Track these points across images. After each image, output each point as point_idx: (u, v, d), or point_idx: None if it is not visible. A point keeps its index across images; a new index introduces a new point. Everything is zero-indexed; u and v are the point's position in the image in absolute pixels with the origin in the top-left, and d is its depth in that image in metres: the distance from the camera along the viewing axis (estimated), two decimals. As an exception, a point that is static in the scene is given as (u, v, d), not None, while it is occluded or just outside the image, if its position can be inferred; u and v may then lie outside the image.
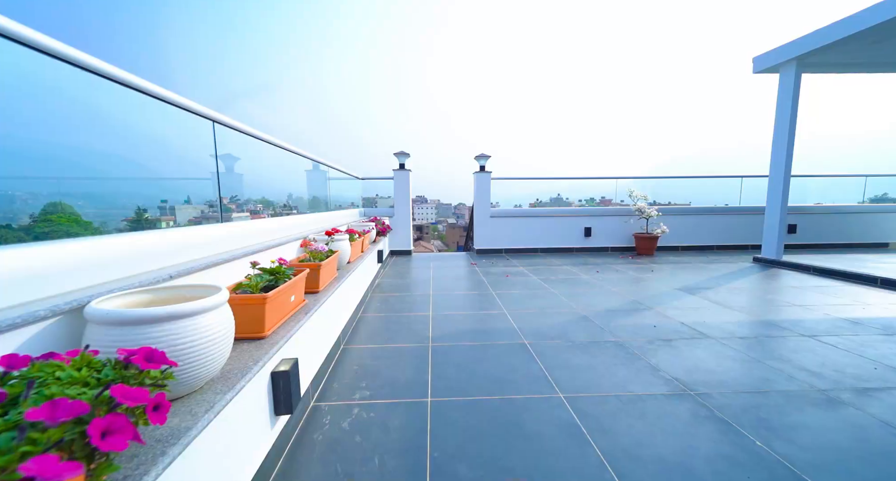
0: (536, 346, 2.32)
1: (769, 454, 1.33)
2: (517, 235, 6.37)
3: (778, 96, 4.92)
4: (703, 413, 1.59)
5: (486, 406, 1.67)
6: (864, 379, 1.85)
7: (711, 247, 6.47)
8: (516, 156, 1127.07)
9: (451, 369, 2.04)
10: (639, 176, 6.90)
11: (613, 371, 1.98)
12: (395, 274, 4.72)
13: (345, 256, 2.91)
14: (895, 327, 2.56)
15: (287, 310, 1.63)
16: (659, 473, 1.25)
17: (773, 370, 1.96)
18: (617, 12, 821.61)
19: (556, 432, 1.48)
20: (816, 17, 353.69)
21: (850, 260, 4.77)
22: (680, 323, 2.70)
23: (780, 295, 3.46)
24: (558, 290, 3.70)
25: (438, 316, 2.96)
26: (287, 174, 3.91)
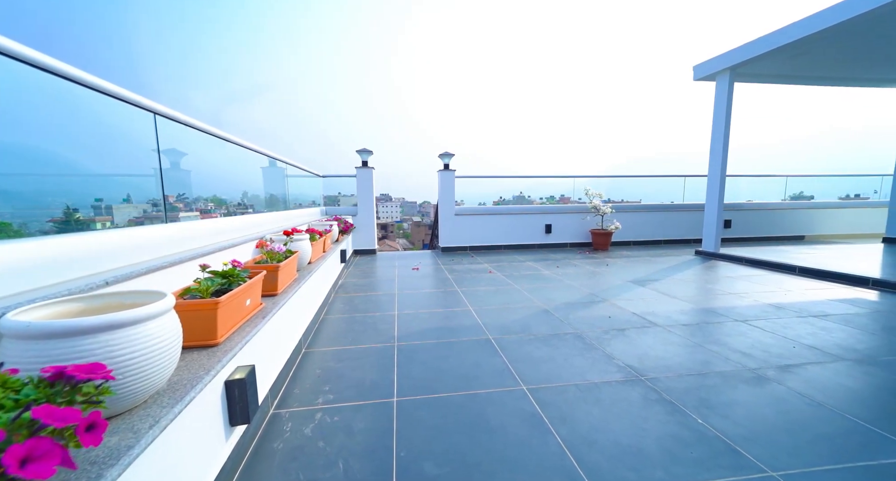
0: (500, 341, 2.38)
1: (709, 430, 1.46)
2: (482, 233, 6.47)
3: (714, 103, 5.36)
4: (652, 396, 1.71)
5: (452, 402, 1.69)
6: (786, 357, 2.07)
7: (659, 241, 6.95)
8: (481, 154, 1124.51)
9: (417, 367, 2.03)
10: (594, 175, 7.26)
11: (572, 361, 2.08)
12: (360, 273, 4.63)
13: (305, 257, 2.81)
14: (809, 310, 2.90)
15: (242, 314, 1.54)
16: (614, 456, 1.33)
17: (711, 353, 2.15)
18: (578, 21, 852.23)
19: (519, 424, 1.52)
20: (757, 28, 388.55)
21: (774, 251, 5.33)
22: (632, 313, 2.89)
23: (717, 284, 3.79)
24: (521, 286, 3.81)
25: (404, 315, 2.95)
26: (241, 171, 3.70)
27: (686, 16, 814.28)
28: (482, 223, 6.47)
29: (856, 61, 5.11)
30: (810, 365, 1.98)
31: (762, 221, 7.20)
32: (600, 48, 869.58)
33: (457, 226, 6.39)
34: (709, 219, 5.52)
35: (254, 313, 1.66)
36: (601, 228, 6.26)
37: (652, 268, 4.62)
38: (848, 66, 5.33)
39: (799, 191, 7.82)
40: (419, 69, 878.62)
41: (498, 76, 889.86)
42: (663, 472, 1.24)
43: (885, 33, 4.20)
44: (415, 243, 61.97)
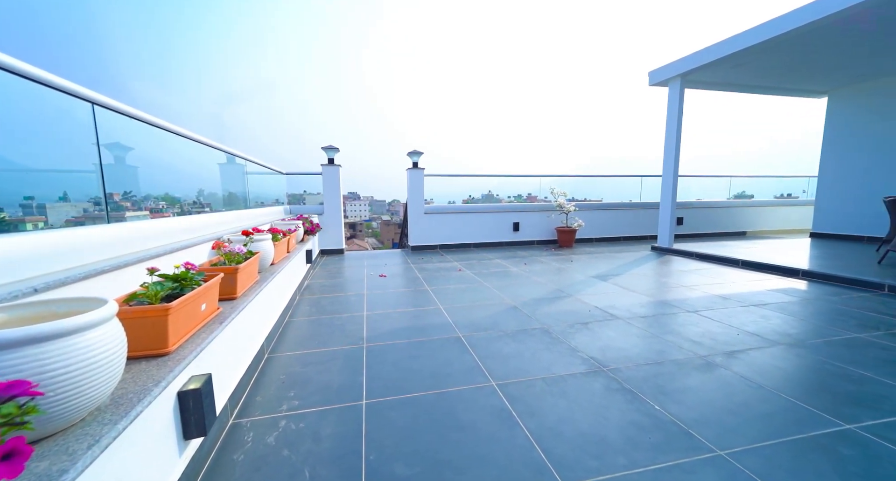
0: (470, 338, 2.40)
1: (665, 415, 1.55)
2: (452, 231, 6.50)
3: (667, 107, 5.70)
4: (614, 386, 1.79)
5: (422, 401, 1.68)
6: (731, 344, 2.25)
7: (619, 237, 7.30)
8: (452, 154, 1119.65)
9: (387, 368, 2.01)
10: (559, 174, 7.49)
11: (539, 356, 2.13)
12: (326, 274, 4.50)
13: (267, 257, 2.69)
14: (751, 300, 3.16)
15: (197, 320, 1.45)
16: (579, 446, 1.38)
17: (667, 343, 2.28)
18: (546, 25, 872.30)
19: (489, 419, 1.55)
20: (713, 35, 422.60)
21: (720, 246, 5.76)
22: (595, 307, 3.01)
23: (671, 278, 4.04)
24: (490, 283, 3.87)
25: (373, 315, 2.90)
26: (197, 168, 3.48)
27: (648, 23, 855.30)
28: (452, 221, 6.49)
29: (789, 73, 5.62)
30: (752, 351, 2.15)
31: (710, 218, 7.76)
32: (566, 52, 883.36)
33: (426, 224, 6.37)
34: (663, 216, 5.87)
35: (210, 318, 1.57)
36: (566, 226, 6.48)
37: (613, 264, 4.84)
38: (783, 77, 5.85)
39: (741, 190, 8.50)
40: (390, 68, 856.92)
41: (468, 77, 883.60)
42: (624, 458, 1.31)
43: (812, 49, 4.65)
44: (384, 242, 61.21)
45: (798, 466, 1.25)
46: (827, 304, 3.02)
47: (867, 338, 2.30)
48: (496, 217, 6.68)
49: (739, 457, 1.30)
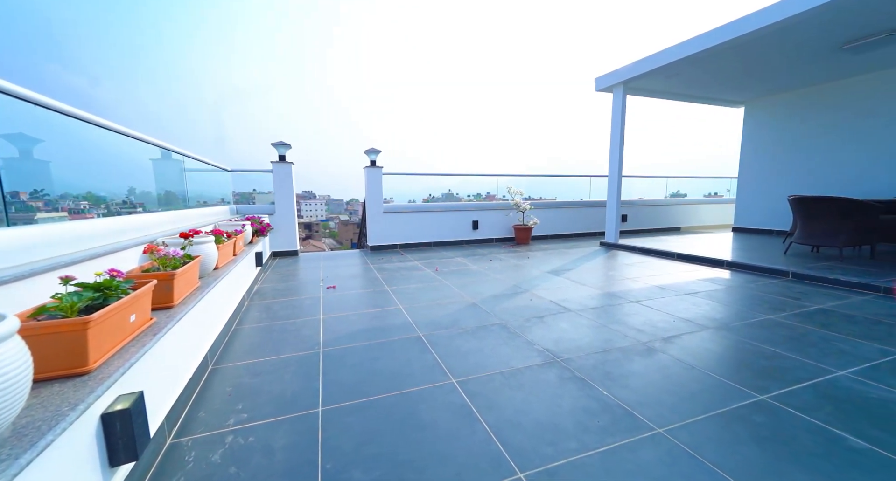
0: (431, 337, 2.40)
1: (612, 399, 1.66)
2: (411, 230, 6.46)
3: (612, 112, 6.08)
4: (566, 375, 1.88)
5: (382, 404, 1.66)
6: (668, 330, 2.45)
7: (571, 234, 7.69)
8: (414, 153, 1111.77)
9: (345, 372, 1.95)
10: (516, 174, 7.72)
11: (498, 350, 2.19)
12: (279, 277, 4.28)
13: (210, 261, 2.49)
14: (684, 289, 3.47)
15: (126, 333, 1.31)
16: (535, 434, 1.43)
17: (613, 332, 2.44)
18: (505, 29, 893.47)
19: (449, 416, 1.56)
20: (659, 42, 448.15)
21: (659, 241, 6.27)
22: (549, 301, 3.14)
23: (617, 271, 4.33)
24: (450, 281, 3.89)
25: (330, 318, 2.80)
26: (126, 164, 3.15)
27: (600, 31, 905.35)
28: (412, 220, 6.45)
29: (712, 84, 6.23)
30: (685, 335, 2.37)
31: (650, 215, 8.41)
32: (523, 57, 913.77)
33: (386, 223, 6.27)
34: (609, 214, 6.27)
35: (142, 330, 1.42)
36: (522, 224, 6.69)
37: (566, 259, 5.09)
38: (708, 88, 6.47)
39: (676, 190, 9.31)
40: (352, 66, 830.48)
41: (431, 78, 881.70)
42: (576, 442, 1.38)
43: (728, 64, 5.19)
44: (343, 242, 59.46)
45: (722, 436, 1.40)
46: (745, 291, 3.39)
47: (776, 319, 2.63)
48: (456, 215, 6.74)
49: (675, 433, 1.42)
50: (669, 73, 5.50)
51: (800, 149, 6.62)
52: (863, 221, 4.15)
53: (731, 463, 1.26)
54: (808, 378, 1.81)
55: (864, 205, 4.09)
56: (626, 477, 1.21)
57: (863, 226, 4.17)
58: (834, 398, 1.64)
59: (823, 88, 6.25)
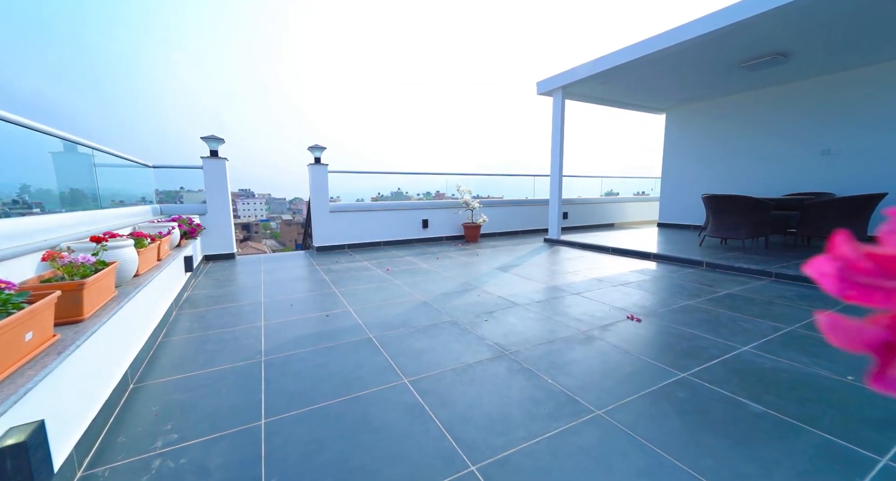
0: (382, 338, 2.36)
1: (556, 387, 1.76)
2: (360, 230, 6.29)
3: (552, 115, 6.43)
4: (515, 367, 1.96)
5: (331, 410, 1.60)
6: (605, 319, 2.66)
7: (518, 231, 8.01)
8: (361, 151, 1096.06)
9: (290, 381, 1.85)
10: (465, 173, 7.85)
11: (450, 347, 2.21)
12: (213, 283, 3.93)
13: (129, 268, 2.22)
14: (618, 280, 3.79)
15: (19, 354, 1.12)
16: (486, 427, 1.47)
17: (557, 323, 2.59)
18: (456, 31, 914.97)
19: (401, 417, 1.55)
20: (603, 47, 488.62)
21: (596, 236, 6.77)
22: (498, 296, 3.25)
23: (559, 265, 4.60)
24: (401, 281, 3.86)
25: (273, 325, 2.64)
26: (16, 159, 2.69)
27: (545, 34, 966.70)
28: (360, 220, 6.28)
29: (639, 92, 6.85)
30: (620, 323, 2.59)
31: (588, 213, 9.04)
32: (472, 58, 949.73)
33: (332, 223, 6.04)
34: (552, 211, 6.63)
35: (42, 350, 1.23)
36: (471, 222, 6.83)
37: (513, 256, 5.29)
38: (635, 96, 7.10)
39: (610, 189, 10.11)
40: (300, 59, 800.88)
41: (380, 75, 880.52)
42: (524, 431, 1.44)
43: (650, 75, 5.75)
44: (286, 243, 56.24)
45: (652, 413, 1.55)
46: (669, 280, 3.79)
47: (694, 304, 2.97)
48: (406, 214, 6.69)
49: (612, 414, 1.55)
50: (601, 81, 5.95)
51: (712, 153, 7.53)
52: (759, 217, 4.84)
53: (659, 436, 1.41)
54: (719, 355, 2.07)
55: (760, 203, 4.77)
56: (569, 459, 1.30)
57: (759, 220, 4.86)
58: (739, 371, 1.89)
59: (729, 100, 7.16)
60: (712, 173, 7.51)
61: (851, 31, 4.28)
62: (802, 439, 1.37)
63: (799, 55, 4.99)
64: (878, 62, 5.27)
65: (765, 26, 4.09)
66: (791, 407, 1.56)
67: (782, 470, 1.23)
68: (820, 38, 4.46)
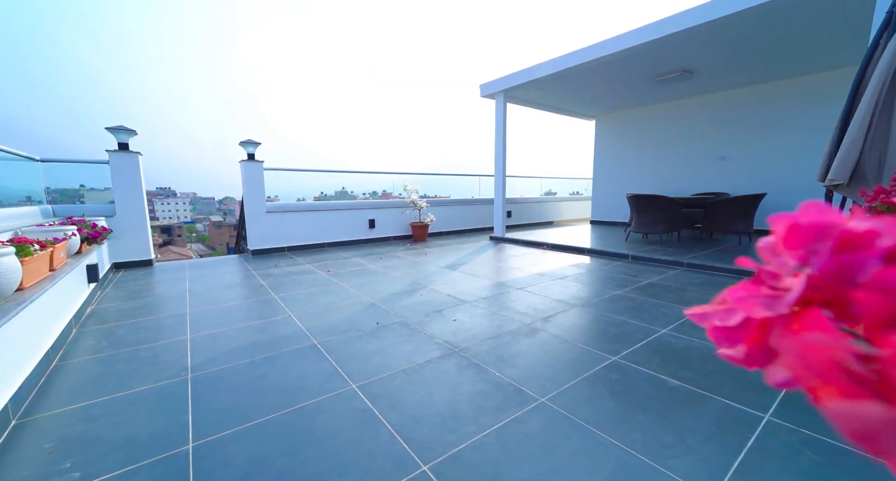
0: (327, 344, 2.26)
1: (503, 379, 1.82)
2: (301, 231, 5.96)
3: (495, 117, 6.65)
4: (464, 363, 1.99)
5: (271, 425, 1.49)
6: (546, 311, 2.82)
7: (465, 230, 8.17)
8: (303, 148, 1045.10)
9: (223, 397, 1.69)
10: (412, 172, 7.81)
11: (399, 348, 2.19)
12: (126, 294, 3.46)
13: (8, 281, 1.86)
14: (558, 274, 4.04)
15: None
16: (437, 425, 1.48)
17: (503, 318, 2.69)
18: (402, 30, 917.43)
19: (350, 424, 1.49)
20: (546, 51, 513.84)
21: (537, 233, 7.15)
22: (446, 294, 3.28)
23: (504, 262, 4.78)
24: (347, 283, 3.73)
25: (202, 337, 2.39)
26: None
27: (491, 37, 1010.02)
28: (301, 220, 5.95)
29: (572, 99, 7.36)
30: (560, 314, 2.75)
31: (530, 211, 9.51)
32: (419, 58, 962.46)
33: (270, 224, 5.64)
34: (497, 210, 6.86)
35: None
36: (419, 221, 6.82)
37: (460, 254, 5.38)
38: (570, 102, 7.61)
39: (549, 189, 10.74)
40: (235, 51, 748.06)
41: (324, 73, 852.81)
42: (474, 425, 1.47)
43: (578, 85, 6.21)
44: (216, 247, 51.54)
45: (588, 396, 1.67)
46: (601, 272, 4.13)
47: (622, 294, 3.26)
48: (351, 214, 6.48)
49: (554, 400, 1.64)
50: (538, 87, 6.29)
51: (635, 156, 8.34)
52: (672, 214, 5.47)
53: (596, 417, 1.52)
54: (643, 338, 2.30)
55: (672, 202, 5.39)
56: (516, 447, 1.35)
57: (672, 217, 5.49)
58: (659, 351, 2.12)
59: (648, 110, 7.97)
60: (636, 175, 8.33)
61: (741, 55, 5.00)
62: (709, 406, 1.58)
63: (701, 73, 5.73)
64: (763, 82, 6.23)
65: (673, 46, 4.62)
66: (700, 380, 1.78)
67: (694, 435, 1.40)
68: (717, 59, 5.16)
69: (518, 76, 6.05)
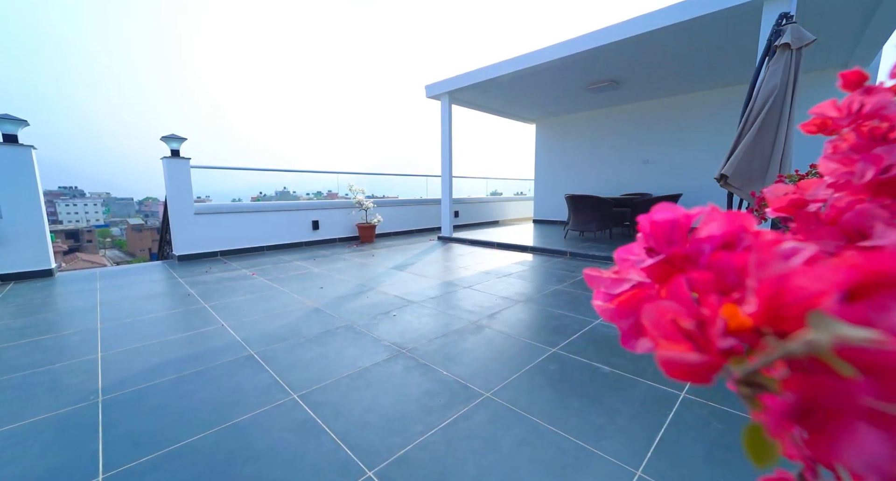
0: (266, 353, 2.13)
1: (450, 377, 1.85)
2: (237, 234, 5.53)
3: (441, 118, 6.72)
4: (412, 364, 1.99)
5: (201, 446, 1.37)
6: (492, 308, 2.92)
7: (413, 230, 8.15)
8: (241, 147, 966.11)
9: (142, 420, 1.52)
10: (358, 172, 7.62)
11: (344, 353, 2.13)
12: (17, 310, 2.96)
13: None
14: (503, 272, 4.19)
15: None
16: (384, 429, 1.46)
17: (451, 316, 2.73)
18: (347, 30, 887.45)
19: (290, 436, 1.42)
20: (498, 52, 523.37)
21: (484, 233, 7.36)
22: (394, 295, 3.26)
23: (452, 261, 4.85)
24: (289, 288, 3.54)
25: (116, 355, 2.12)
26: None
27: (437, 37, 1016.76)
28: (237, 222, 5.52)
29: (513, 104, 7.67)
30: (504, 310, 2.87)
31: (476, 211, 9.76)
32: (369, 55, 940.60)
33: (200, 227, 5.16)
34: (444, 210, 6.94)
35: None
36: (366, 222, 6.67)
37: (408, 254, 5.36)
38: (512, 106, 7.93)
39: (495, 189, 11.11)
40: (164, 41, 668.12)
41: (268, 70, 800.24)
42: (421, 425, 1.48)
43: (518, 89, 6.52)
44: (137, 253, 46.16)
45: (530, 387, 1.77)
46: (543, 269, 4.36)
47: (561, 288, 3.48)
48: (293, 215, 6.15)
49: (499, 394, 1.71)
50: (482, 90, 6.47)
51: (572, 159, 8.91)
52: (604, 212, 5.94)
53: (536, 406, 1.61)
54: (579, 329, 2.48)
55: (603, 201, 5.86)
56: (462, 443, 1.38)
57: (604, 216, 5.96)
58: (593, 341, 2.29)
59: (582, 115, 8.57)
60: (573, 176, 8.91)
61: (660, 69, 5.58)
62: (636, 388, 1.75)
63: (627, 83, 6.29)
64: (679, 94, 7.00)
65: (601, 57, 5.03)
66: (628, 365, 1.97)
67: (622, 416, 1.54)
68: (640, 72, 5.71)
69: (462, 79, 6.17)
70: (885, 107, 0.31)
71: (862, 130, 0.31)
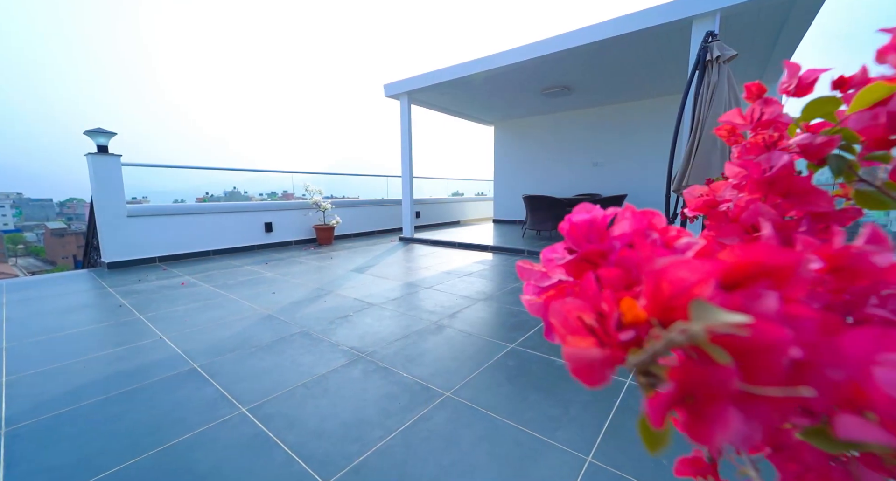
0: (211, 366, 1.98)
1: (411, 379, 1.83)
2: (180, 237, 5.09)
3: (400, 118, 6.66)
4: (371, 368, 1.95)
5: (132, 473, 1.24)
6: (453, 308, 2.93)
7: (374, 231, 8.01)
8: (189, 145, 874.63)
9: (60, 450, 1.34)
10: (315, 171, 7.34)
11: (300, 361, 2.03)
12: None
13: None
14: (464, 271, 4.24)
15: None
16: (342, 436, 1.41)
17: (411, 317, 2.71)
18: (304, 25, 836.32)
19: (237, 453, 1.33)
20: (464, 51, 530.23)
21: (445, 233, 7.40)
22: (354, 298, 3.17)
23: (414, 262, 4.82)
24: (238, 295, 3.32)
25: (27, 378, 1.87)
26: None
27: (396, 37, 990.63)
28: (178, 225, 5.09)
29: (472, 106, 7.79)
30: (465, 310, 2.89)
31: (438, 211, 9.79)
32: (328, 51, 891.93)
33: (134, 231, 4.70)
34: (405, 211, 6.89)
35: None
36: (324, 224, 6.44)
37: (368, 256, 5.26)
38: (470, 108, 8.05)
39: (456, 190, 11.21)
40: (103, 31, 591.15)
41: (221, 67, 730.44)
42: (381, 430, 1.45)
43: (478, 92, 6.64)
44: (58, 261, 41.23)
45: (490, 384, 1.80)
46: (502, 268, 4.47)
47: (520, 286, 3.59)
48: (243, 217, 5.79)
49: (459, 392, 1.72)
50: (441, 91, 6.50)
51: (529, 161, 9.22)
52: (558, 212, 6.21)
53: (496, 402, 1.64)
54: (536, 324, 2.56)
55: (557, 201, 6.13)
56: (422, 444, 1.37)
57: (559, 215, 6.23)
58: (548, 335, 2.38)
59: (538, 119, 8.89)
60: (529, 178, 9.22)
61: (607, 77, 5.93)
62: (587, 378, 1.83)
63: (578, 89, 6.62)
64: (624, 101, 7.48)
65: (554, 64, 5.25)
66: (580, 356, 2.06)
67: (574, 405, 1.61)
68: (589, 79, 6.03)
69: (420, 79, 6.16)
70: (779, 115, 0.35)
71: (758, 138, 0.35)
